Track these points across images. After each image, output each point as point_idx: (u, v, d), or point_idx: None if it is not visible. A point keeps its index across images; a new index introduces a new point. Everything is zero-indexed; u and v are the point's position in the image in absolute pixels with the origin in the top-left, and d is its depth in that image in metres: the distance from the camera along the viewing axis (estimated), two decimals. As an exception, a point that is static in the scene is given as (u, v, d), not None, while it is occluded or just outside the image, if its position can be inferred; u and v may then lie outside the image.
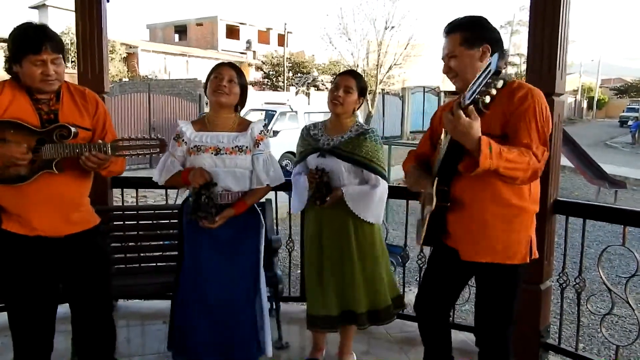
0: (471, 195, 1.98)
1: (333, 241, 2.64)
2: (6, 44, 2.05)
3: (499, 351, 2.15)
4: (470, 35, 2.01)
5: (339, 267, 2.64)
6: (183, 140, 2.41)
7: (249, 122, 2.50)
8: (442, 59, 2.10)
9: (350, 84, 2.62)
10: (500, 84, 1.61)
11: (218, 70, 2.41)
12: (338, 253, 2.64)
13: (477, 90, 1.65)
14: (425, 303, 2.29)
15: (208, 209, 2.28)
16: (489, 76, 1.60)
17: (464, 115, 1.72)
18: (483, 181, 1.92)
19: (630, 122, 28.96)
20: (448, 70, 2.08)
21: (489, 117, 1.85)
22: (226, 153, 2.37)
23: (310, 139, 2.72)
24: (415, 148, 2.40)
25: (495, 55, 1.63)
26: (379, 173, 2.64)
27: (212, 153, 2.36)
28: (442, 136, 2.03)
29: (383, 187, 2.66)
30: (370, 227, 2.68)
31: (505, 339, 2.13)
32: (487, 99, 1.64)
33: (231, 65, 2.44)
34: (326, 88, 24.63)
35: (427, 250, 3.32)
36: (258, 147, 2.42)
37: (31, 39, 1.98)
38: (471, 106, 1.72)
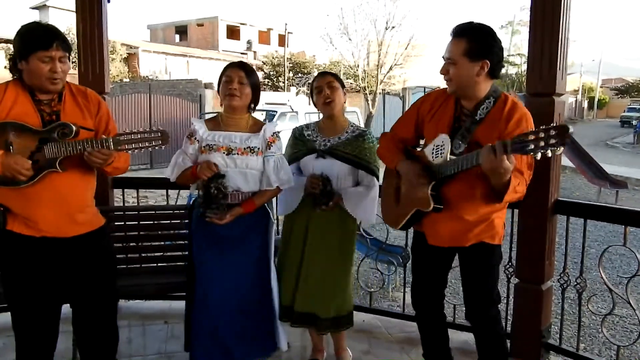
0: (463, 198, 2.12)
1: (318, 243, 2.61)
2: (7, 45, 2.05)
3: (490, 330, 2.30)
4: (476, 46, 2.03)
5: (319, 269, 2.61)
6: (195, 138, 2.42)
7: (262, 124, 2.50)
8: (443, 58, 2.13)
9: (330, 80, 2.63)
10: (559, 151, 1.67)
11: (227, 72, 2.40)
12: (320, 255, 2.61)
13: (532, 148, 1.69)
14: (419, 295, 2.44)
15: (218, 201, 2.28)
16: (555, 143, 1.64)
17: (506, 160, 1.79)
18: (475, 186, 2.07)
19: (634, 122, 28.77)
20: (445, 73, 2.12)
21: (487, 131, 2.02)
22: (238, 153, 2.37)
23: (305, 140, 2.68)
24: (387, 133, 2.47)
25: (570, 129, 1.64)
26: (374, 174, 2.65)
27: (223, 152, 2.36)
28: (443, 142, 2.06)
29: (376, 187, 2.66)
30: (353, 225, 2.72)
31: (493, 317, 2.29)
32: (539, 155, 1.69)
33: (240, 65, 2.43)
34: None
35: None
36: (270, 149, 2.43)
37: (42, 35, 1.98)
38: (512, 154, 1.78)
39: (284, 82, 29.84)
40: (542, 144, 1.66)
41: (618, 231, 3.07)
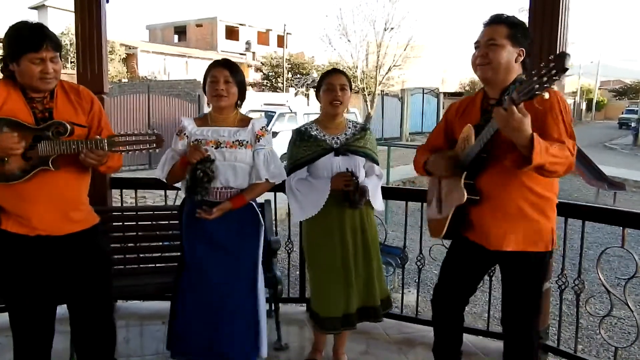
0: (498, 188, 2.04)
1: (356, 237, 2.66)
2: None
3: (526, 342, 2.20)
4: (517, 33, 2.04)
5: (364, 263, 2.68)
6: (185, 134, 2.43)
7: (250, 119, 2.50)
8: (477, 43, 2.10)
9: (344, 81, 2.64)
10: (563, 79, 1.66)
11: (212, 72, 2.40)
12: (364, 251, 2.68)
13: (536, 88, 1.66)
14: (443, 296, 2.35)
15: (203, 184, 2.26)
16: (554, 73, 1.61)
17: (517, 112, 1.75)
18: (510, 174, 2.00)
19: (633, 124, 28.69)
20: (483, 56, 2.06)
21: None
22: (226, 147, 2.37)
23: (317, 139, 2.66)
24: (421, 145, 2.44)
25: (568, 54, 1.63)
26: (377, 163, 2.79)
27: (212, 146, 2.36)
28: (467, 132, 2.06)
29: (382, 175, 2.86)
30: (373, 216, 2.81)
31: (532, 329, 2.19)
32: (546, 95, 1.68)
33: (225, 64, 2.43)
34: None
35: (426, 251, 3.33)
36: (259, 142, 2.42)
37: (31, 37, 1.97)
38: (522, 103, 1.75)
39: (282, 83, 29.83)
40: (544, 79, 1.63)
41: (616, 233, 3.06)
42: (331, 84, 2.63)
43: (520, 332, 2.20)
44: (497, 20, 2.06)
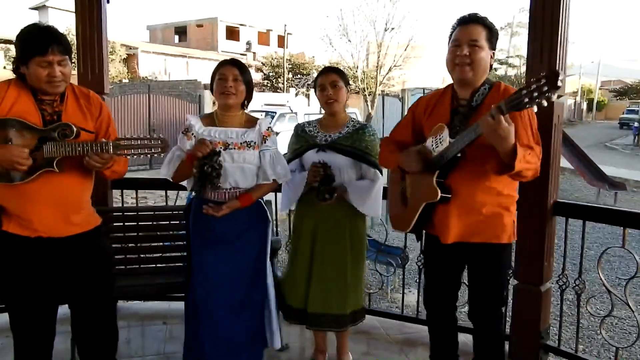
0: (467, 186, 2.10)
1: (328, 240, 2.64)
2: (6, 45, 2.05)
3: (492, 331, 2.28)
4: (493, 36, 2.11)
5: (331, 268, 2.63)
6: (192, 134, 2.42)
7: (256, 119, 2.51)
8: (456, 42, 2.10)
9: (334, 78, 2.63)
10: (554, 97, 1.66)
11: (221, 70, 2.41)
12: (331, 254, 2.63)
13: (526, 101, 1.69)
14: (432, 296, 2.40)
15: (212, 180, 2.26)
16: (547, 89, 1.64)
17: (504, 121, 1.78)
18: (478, 173, 2.06)
19: (636, 124, 28.54)
20: (466, 57, 2.07)
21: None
22: (235, 148, 2.37)
23: (306, 135, 2.70)
24: (385, 138, 2.46)
25: (562, 73, 1.71)
26: (376, 166, 2.65)
27: (221, 148, 2.36)
28: (440, 131, 2.08)
29: (381, 180, 2.69)
30: (362, 223, 2.74)
31: (498, 318, 2.28)
32: (535, 108, 1.70)
33: (234, 62, 2.44)
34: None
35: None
36: (265, 142, 2.43)
37: (38, 41, 1.97)
38: (508, 113, 1.78)
39: (283, 83, 29.84)
40: (535, 94, 1.66)
41: (617, 233, 3.07)
42: (322, 84, 2.64)
43: (488, 324, 2.27)
44: (477, 20, 2.10)
